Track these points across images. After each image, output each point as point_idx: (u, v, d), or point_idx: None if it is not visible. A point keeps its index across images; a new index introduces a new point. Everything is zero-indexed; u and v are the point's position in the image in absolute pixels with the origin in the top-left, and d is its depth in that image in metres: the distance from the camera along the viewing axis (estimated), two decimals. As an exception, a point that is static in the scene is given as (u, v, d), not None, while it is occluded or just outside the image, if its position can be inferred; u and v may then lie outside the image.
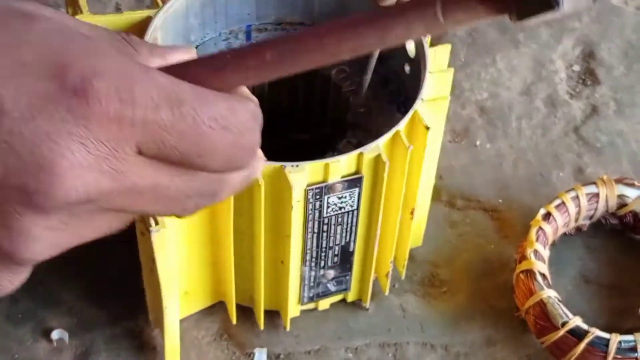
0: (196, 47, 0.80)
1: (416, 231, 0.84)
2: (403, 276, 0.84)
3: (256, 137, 0.40)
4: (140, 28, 0.73)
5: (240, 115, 0.39)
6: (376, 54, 0.77)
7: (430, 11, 0.41)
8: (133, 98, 0.36)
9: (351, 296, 0.82)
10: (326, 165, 0.67)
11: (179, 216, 0.42)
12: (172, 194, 0.39)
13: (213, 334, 0.81)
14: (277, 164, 0.65)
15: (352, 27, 0.42)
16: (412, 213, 0.77)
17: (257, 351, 0.80)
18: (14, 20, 0.37)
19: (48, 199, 0.36)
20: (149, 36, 0.71)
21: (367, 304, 0.82)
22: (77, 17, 0.73)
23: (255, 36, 0.81)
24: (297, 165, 0.66)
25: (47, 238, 0.38)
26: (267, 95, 0.81)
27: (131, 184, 0.38)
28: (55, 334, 0.80)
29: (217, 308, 0.82)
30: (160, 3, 0.76)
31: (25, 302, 0.82)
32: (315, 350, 0.80)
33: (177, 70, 0.39)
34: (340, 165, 0.67)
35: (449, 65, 0.99)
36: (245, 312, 0.81)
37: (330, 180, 0.68)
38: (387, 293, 0.83)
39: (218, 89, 0.39)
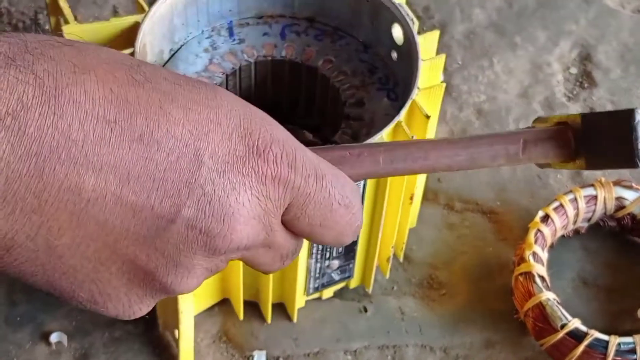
0: (180, 47, 0.80)
1: (412, 213, 0.84)
2: (401, 258, 0.85)
3: (362, 218, 0.47)
4: (129, 34, 0.74)
5: (357, 196, 0.47)
6: None
7: (513, 148, 0.51)
8: (296, 166, 0.43)
9: (354, 283, 0.83)
10: None
11: (267, 272, 0.48)
12: (283, 254, 0.46)
13: (212, 337, 0.81)
14: None
15: (451, 147, 0.51)
16: (411, 198, 0.78)
17: (256, 354, 0.80)
18: (201, 85, 0.42)
19: (227, 243, 0.42)
20: (139, 42, 0.72)
21: (370, 289, 0.83)
22: (63, 27, 0.73)
23: (238, 31, 0.81)
24: None
25: (200, 277, 0.44)
26: (254, 87, 0.82)
27: (273, 241, 0.44)
28: (54, 337, 0.79)
29: (216, 311, 0.82)
30: (145, 7, 0.76)
31: (24, 305, 0.81)
32: (315, 352, 0.80)
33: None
34: None
35: (446, 69, 0.99)
36: (245, 312, 0.81)
37: None
38: (387, 276, 0.84)
39: None
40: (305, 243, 0.74)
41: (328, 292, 0.83)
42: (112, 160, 0.39)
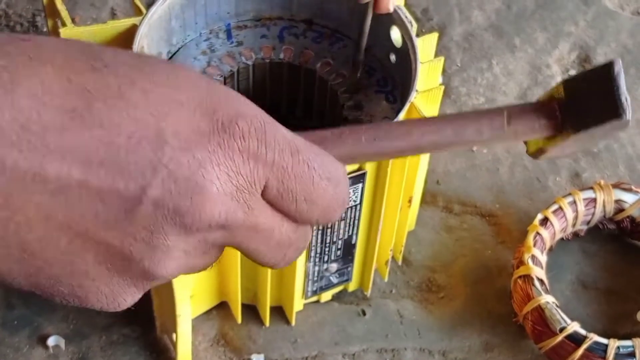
0: (178, 49, 0.80)
1: (410, 216, 0.84)
2: (400, 261, 0.85)
3: (347, 193, 0.47)
4: (127, 36, 0.73)
5: (340, 170, 0.46)
6: (367, 29, 0.77)
7: (497, 120, 0.50)
8: (266, 140, 0.42)
9: (352, 286, 0.83)
10: None
11: (273, 266, 0.47)
12: (279, 240, 0.45)
13: (210, 340, 0.81)
14: None
15: (434, 123, 0.50)
16: (409, 201, 0.78)
17: (254, 357, 0.80)
18: (162, 65, 0.42)
19: (197, 220, 0.41)
20: (137, 45, 0.72)
21: (369, 293, 0.83)
22: (60, 29, 0.73)
23: (236, 34, 0.81)
24: None
25: (179, 260, 0.42)
26: (252, 89, 0.82)
27: (255, 221, 0.43)
28: (51, 341, 0.79)
29: (213, 314, 0.82)
30: (143, 10, 0.76)
31: (21, 309, 0.81)
32: (313, 356, 0.80)
33: None
34: None
35: (445, 71, 0.99)
36: (243, 315, 0.81)
37: None
38: (386, 279, 0.84)
39: None
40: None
41: (326, 296, 0.83)
42: (74, 148, 0.39)
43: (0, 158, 0.37)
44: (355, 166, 0.69)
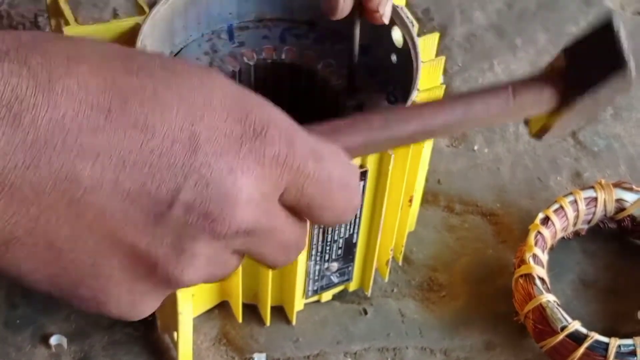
0: (180, 50, 0.80)
1: (411, 216, 0.84)
2: (400, 262, 0.85)
3: (360, 197, 0.48)
4: (129, 36, 0.74)
5: (355, 176, 0.47)
6: (357, 35, 0.77)
7: (503, 94, 0.50)
8: (294, 147, 0.43)
9: (353, 286, 0.83)
10: None
11: (274, 267, 0.47)
12: (287, 242, 0.45)
13: (211, 339, 0.81)
14: None
15: (443, 102, 0.51)
16: (410, 201, 0.78)
17: (256, 356, 0.80)
18: (196, 70, 0.42)
19: (226, 226, 0.41)
20: (139, 44, 0.72)
21: (369, 293, 0.83)
22: (64, 28, 0.73)
23: (238, 35, 0.82)
24: None
25: (203, 268, 0.42)
26: (253, 90, 0.81)
27: (274, 225, 0.43)
28: (53, 340, 0.79)
29: (215, 313, 0.82)
30: (146, 9, 0.76)
31: (24, 308, 0.81)
32: (315, 355, 0.80)
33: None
34: None
35: (446, 71, 0.99)
36: (244, 314, 0.81)
37: None
38: (386, 280, 0.84)
39: None
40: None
41: (327, 295, 0.83)
42: (108, 148, 0.39)
43: (34, 154, 0.37)
44: (356, 163, 0.69)
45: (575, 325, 0.77)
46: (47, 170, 0.38)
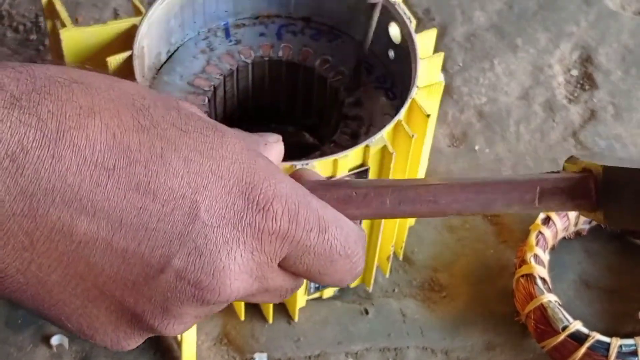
0: (177, 48, 0.80)
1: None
2: (401, 257, 0.85)
3: (363, 264, 0.46)
4: (127, 36, 0.74)
5: (360, 247, 0.46)
6: (372, 29, 0.76)
7: (529, 197, 0.47)
8: (297, 220, 0.42)
9: (354, 282, 0.83)
10: (335, 161, 0.68)
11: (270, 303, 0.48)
12: (283, 293, 0.46)
13: (213, 339, 0.81)
14: (287, 164, 0.66)
15: (462, 191, 0.48)
16: None
17: (257, 356, 0.80)
18: (209, 132, 0.42)
19: (215, 296, 0.41)
20: (137, 44, 0.72)
21: (371, 288, 0.83)
22: (61, 30, 0.73)
23: (234, 32, 0.82)
24: (307, 164, 0.67)
25: (189, 323, 0.43)
26: (251, 88, 0.82)
27: (267, 287, 0.44)
28: (55, 340, 0.79)
29: (216, 313, 0.82)
30: (142, 10, 0.76)
31: (26, 311, 0.81)
32: (316, 355, 0.80)
33: (316, 193, 0.45)
34: (348, 159, 0.68)
35: (447, 71, 0.99)
36: (246, 312, 0.81)
37: (339, 175, 0.69)
38: (387, 275, 0.84)
39: None
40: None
41: (329, 292, 0.83)
42: (106, 206, 0.39)
43: (32, 204, 0.38)
44: (358, 162, 0.70)
45: (577, 325, 0.77)
46: (43, 221, 0.38)
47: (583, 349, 0.76)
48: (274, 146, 0.49)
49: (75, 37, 0.73)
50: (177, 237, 0.40)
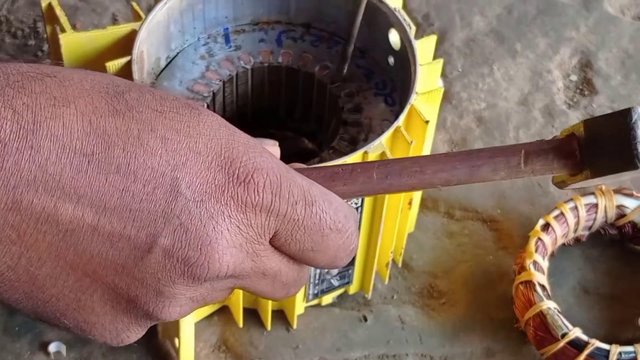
0: (177, 54, 0.80)
1: (410, 218, 0.84)
2: (400, 263, 0.85)
3: (356, 241, 0.47)
4: (126, 42, 0.74)
5: (352, 222, 0.46)
6: (359, 19, 0.76)
7: (514, 160, 0.48)
8: (281, 193, 0.42)
9: (353, 289, 0.83)
10: None
11: (275, 299, 0.48)
12: (284, 281, 0.46)
13: (211, 346, 0.81)
14: None
15: (448, 161, 0.48)
16: (409, 203, 0.78)
17: (255, 363, 0.80)
18: (185, 111, 0.42)
19: (205, 272, 0.41)
20: (136, 49, 0.72)
21: (369, 295, 0.83)
22: (60, 35, 0.73)
23: (234, 38, 0.81)
24: None
25: (185, 305, 0.43)
26: (251, 93, 0.82)
27: (263, 267, 0.44)
28: (52, 347, 0.79)
29: (215, 320, 0.82)
30: (142, 15, 0.76)
31: (23, 315, 0.81)
32: (314, 362, 0.80)
33: (302, 174, 0.45)
34: None
35: (446, 76, 0.99)
36: (245, 319, 0.81)
37: None
38: (386, 282, 0.84)
39: None
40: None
41: (327, 299, 0.83)
42: (89, 192, 0.39)
43: (16, 196, 0.38)
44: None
45: (576, 332, 0.76)
46: (28, 212, 0.39)
47: (582, 356, 0.75)
48: (271, 149, 0.49)
49: (74, 42, 0.73)
50: (161, 215, 0.40)
